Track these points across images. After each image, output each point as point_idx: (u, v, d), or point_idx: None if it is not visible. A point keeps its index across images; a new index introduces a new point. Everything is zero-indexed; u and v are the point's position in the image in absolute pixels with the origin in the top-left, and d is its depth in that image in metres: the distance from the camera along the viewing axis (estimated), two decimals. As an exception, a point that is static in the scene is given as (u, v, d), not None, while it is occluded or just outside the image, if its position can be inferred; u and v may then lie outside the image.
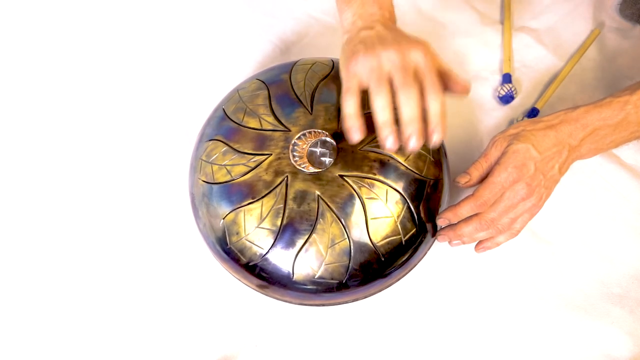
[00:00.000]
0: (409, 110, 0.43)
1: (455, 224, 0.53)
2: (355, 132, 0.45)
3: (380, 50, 0.45)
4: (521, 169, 0.50)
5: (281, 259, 0.49)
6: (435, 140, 0.45)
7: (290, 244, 0.49)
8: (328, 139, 0.51)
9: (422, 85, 0.44)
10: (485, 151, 0.53)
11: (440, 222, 0.53)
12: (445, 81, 0.47)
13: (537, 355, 0.57)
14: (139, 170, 0.65)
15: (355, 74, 0.46)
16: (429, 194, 0.52)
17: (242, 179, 0.51)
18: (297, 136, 0.51)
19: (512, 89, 0.67)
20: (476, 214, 0.52)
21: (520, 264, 0.60)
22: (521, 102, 0.68)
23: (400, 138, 0.44)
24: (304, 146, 0.51)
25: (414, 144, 0.44)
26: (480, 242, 0.55)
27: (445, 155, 0.56)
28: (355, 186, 0.50)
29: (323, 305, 0.56)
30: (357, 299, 0.55)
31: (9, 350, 0.58)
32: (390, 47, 0.45)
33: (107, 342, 0.58)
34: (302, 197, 0.49)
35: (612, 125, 0.51)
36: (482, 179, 0.53)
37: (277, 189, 0.50)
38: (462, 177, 0.53)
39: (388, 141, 0.44)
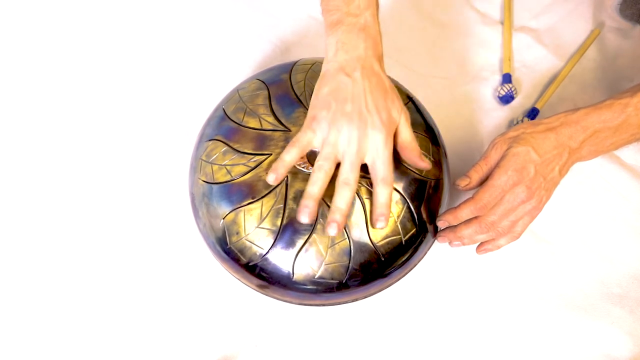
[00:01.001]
0: (338, 202, 0.45)
1: (455, 226, 0.53)
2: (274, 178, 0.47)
3: (342, 127, 0.45)
4: (521, 172, 0.50)
5: (281, 259, 0.49)
6: (378, 227, 0.47)
7: (290, 244, 0.49)
8: (328, 139, 0.51)
9: (372, 175, 0.47)
10: (485, 154, 0.53)
11: (440, 224, 0.53)
12: (407, 154, 0.49)
13: (537, 355, 0.57)
14: (139, 171, 0.65)
15: (313, 132, 0.47)
16: (429, 194, 0.52)
17: (242, 179, 0.51)
18: (297, 136, 0.51)
19: (512, 89, 0.67)
20: (476, 217, 0.52)
21: (520, 264, 0.60)
22: (521, 102, 0.68)
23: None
24: (304, 146, 0.50)
25: (331, 231, 0.45)
26: (481, 244, 0.55)
27: (446, 155, 0.56)
28: (355, 186, 0.50)
29: (323, 305, 0.56)
30: (357, 299, 0.55)
31: (9, 350, 0.58)
32: (353, 127, 0.45)
33: (107, 342, 0.58)
34: (302, 197, 0.49)
35: (612, 127, 0.51)
36: (482, 182, 0.53)
37: (277, 189, 0.50)
38: (461, 180, 0.53)
39: (303, 212, 0.46)
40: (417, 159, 0.49)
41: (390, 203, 0.47)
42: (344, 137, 0.46)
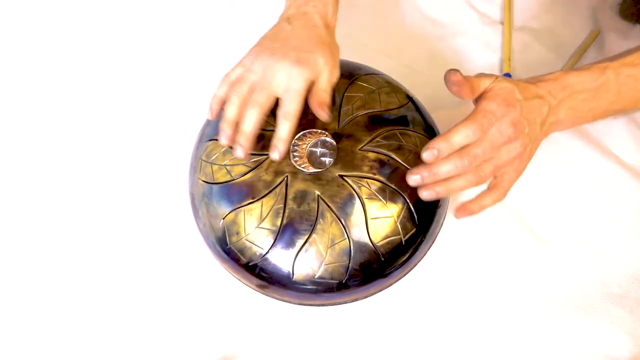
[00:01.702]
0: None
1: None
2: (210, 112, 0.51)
3: (264, 58, 0.49)
4: (508, 106, 0.45)
5: (281, 259, 0.49)
6: (272, 156, 0.48)
7: (290, 244, 0.49)
8: (328, 139, 0.51)
9: (278, 107, 0.49)
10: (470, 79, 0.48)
11: (427, 154, 0.45)
12: (312, 99, 0.50)
13: (537, 355, 0.57)
14: (139, 171, 0.65)
15: (241, 65, 0.50)
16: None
17: (242, 179, 0.51)
18: (297, 136, 0.51)
19: (512, 89, 0.67)
20: (456, 152, 0.45)
21: (520, 264, 0.60)
22: (521, 102, 0.68)
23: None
24: (304, 146, 0.51)
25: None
26: (463, 205, 0.48)
27: (445, 155, 0.56)
28: (355, 186, 0.50)
29: (323, 305, 0.56)
30: (357, 299, 0.55)
31: (9, 350, 0.58)
32: (273, 59, 0.48)
33: (108, 342, 0.58)
34: (302, 197, 0.49)
35: (591, 90, 0.48)
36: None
37: (277, 189, 0.50)
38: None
39: (222, 134, 0.49)
40: (317, 107, 0.49)
41: (289, 139, 0.48)
42: (259, 66, 0.49)
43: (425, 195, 0.46)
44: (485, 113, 0.45)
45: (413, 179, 0.46)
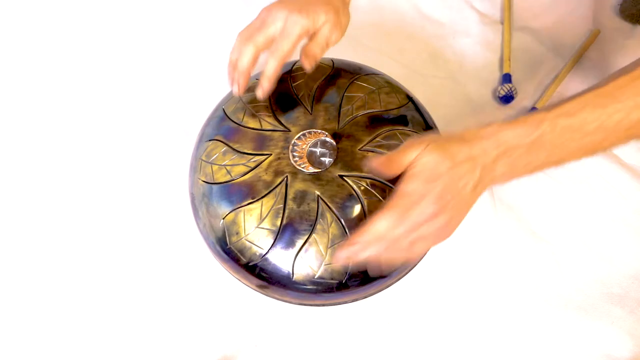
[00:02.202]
0: (240, 61, 0.52)
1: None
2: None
3: (270, 8, 0.51)
4: (430, 182, 0.44)
5: (281, 259, 0.49)
6: (257, 94, 0.52)
7: (290, 244, 0.49)
8: (328, 139, 0.51)
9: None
10: (399, 148, 0.46)
11: (344, 254, 0.44)
12: (304, 49, 0.53)
13: (537, 355, 0.57)
14: (139, 171, 0.65)
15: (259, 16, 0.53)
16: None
17: (242, 179, 0.51)
18: (297, 136, 0.51)
19: (512, 89, 0.67)
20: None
21: (520, 264, 0.60)
22: (521, 102, 0.68)
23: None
24: (304, 146, 0.51)
25: (233, 88, 0.52)
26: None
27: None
28: (355, 186, 0.50)
29: (323, 305, 0.56)
30: (357, 299, 0.55)
31: (9, 350, 0.58)
32: (275, 8, 0.51)
33: (108, 342, 0.58)
34: (302, 197, 0.49)
35: (526, 145, 0.46)
36: (385, 166, 0.46)
37: (277, 189, 0.50)
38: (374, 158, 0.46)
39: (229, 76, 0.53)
40: (304, 56, 0.52)
41: (274, 78, 0.51)
42: (264, 13, 0.52)
43: (341, 257, 0.45)
44: (404, 195, 0.44)
45: (339, 257, 0.45)
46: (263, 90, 0.52)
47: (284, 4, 0.51)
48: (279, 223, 0.49)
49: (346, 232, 0.49)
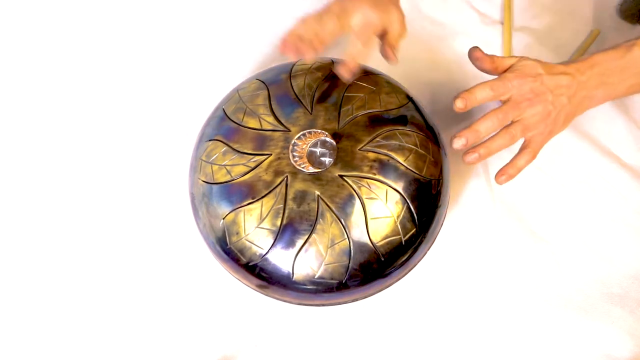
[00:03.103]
0: (323, 28, 0.51)
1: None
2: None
3: (341, 2, 0.53)
4: (525, 76, 0.51)
5: (281, 259, 0.49)
6: (342, 75, 0.52)
7: (290, 244, 0.49)
8: (328, 139, 0.51)
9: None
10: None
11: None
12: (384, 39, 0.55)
13: (537, 355, 0.57)
14: (139, 171, 0.65)
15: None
16: (430, 194, 0.52)
17: (242, 179, 0.51)
18: (297, 136, 0.51)
19: (512, 89, 0.67)
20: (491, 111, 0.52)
21: (520, 264, 0.60)
22: (521, 102, 0.68)
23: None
24: (304, 146, 0.51)
25: (306, 55, 0.51)
26: (502, 170, 0.53)
27: (446, 155, 0.56)
28: (355, 186, 0.50)
29: (323, 305, 0.56)
30: (356, 299, 0.55)
31: (9, 350, 0.58)
32: (349, 3, 0.52)
33: (107, 342, 0.58)
34: (302, 197, 0.49)
35: (619, 66, 0.53)
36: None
37: (277, 189, 0.50)
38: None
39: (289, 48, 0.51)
40: (389, 50, 0.55)
41: (358, 60, 0.52)
42: (337, 6, 0.52)
43: (470, 159, 0.51)
44: (502, 79, 0.52)
45: (458, 142, 0.51)
46: (349, 71, 0.52)
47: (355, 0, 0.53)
48: (279, 223, 0.49)
49: (346, 232, 0.49)
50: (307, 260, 0.49)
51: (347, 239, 0.49)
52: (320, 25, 0.51)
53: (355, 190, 0.50)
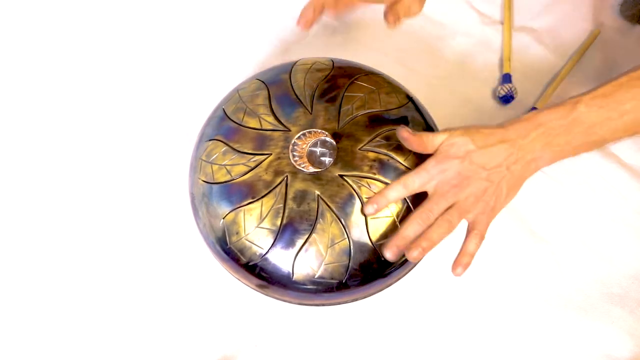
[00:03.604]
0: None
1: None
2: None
3: None
4: (448, 159, 0.48)
5: (281, 259, 0.49)
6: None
7: (290, 243, 0.49)
8: (328, 138, 0.51)
9: None
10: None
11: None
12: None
13: (537, 355, 0.57)
14: (139, 171, 0.65)
15: None
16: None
17: (242, 178, 0.51)
18: (297, 136, 0.51)
19: (512, 89, 0.67)
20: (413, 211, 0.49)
21: (520, 264, 0.60)
22: (521, 102, 0.68)
23: None
24: (304, 146, 0.51)
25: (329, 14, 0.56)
26: (455, 262, 0.50)
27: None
28: (355, 186, 0.50)
29: (323, 305, 0.56)
30: (356, 299, 0.55)
31: (9, 350, 0.58)
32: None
33: (107, 342, 0.58)
34: (302, 197, 0.49)
35: (564, 124, 0.49)
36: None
37: (277, 189, 0.50)
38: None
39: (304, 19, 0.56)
40: (389, 12, 0.56)
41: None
42: None
43: (414, 255, 0.47)
44: (419, 170, 0.49)
45: (390, 252, 0.47)
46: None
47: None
48: (279, 223, 0.49)
49: (346, 232, 0.49)
50: (307, 260, 0.49)
51: (347, 239, 0.49)
52: None
53: (355, 190, 0.50)
